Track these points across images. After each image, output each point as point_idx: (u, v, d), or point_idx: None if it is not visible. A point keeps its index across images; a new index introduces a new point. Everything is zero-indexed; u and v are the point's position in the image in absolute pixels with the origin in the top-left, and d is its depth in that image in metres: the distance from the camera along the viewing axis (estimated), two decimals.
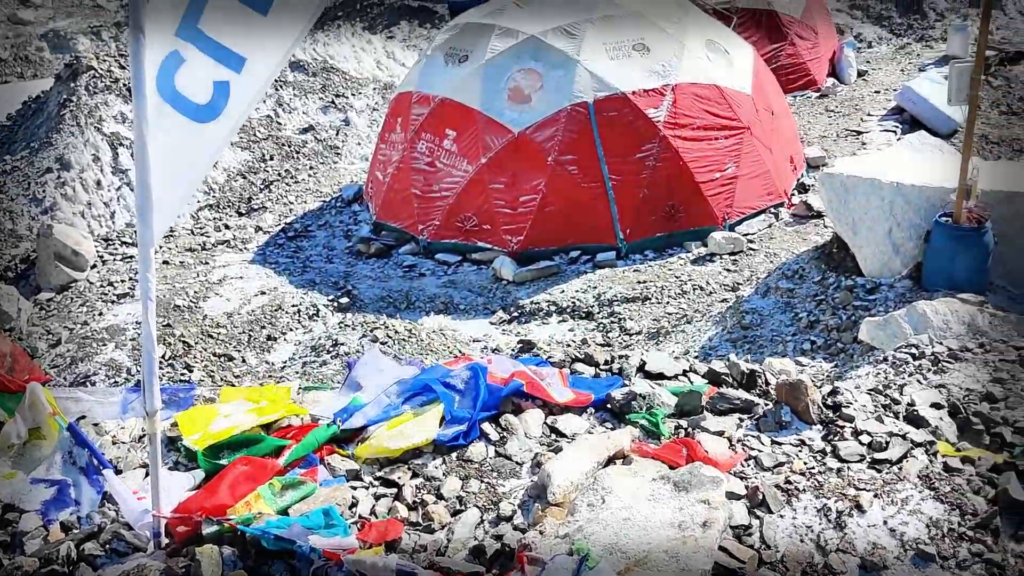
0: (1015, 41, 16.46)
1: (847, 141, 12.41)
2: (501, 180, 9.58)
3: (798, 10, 14.99)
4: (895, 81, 14.81)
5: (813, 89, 14.79)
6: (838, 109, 13.93)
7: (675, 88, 9.70)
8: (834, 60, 15.62)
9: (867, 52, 17.16)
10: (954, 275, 6.45)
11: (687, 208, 9.60)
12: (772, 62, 13.84)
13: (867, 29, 18.05)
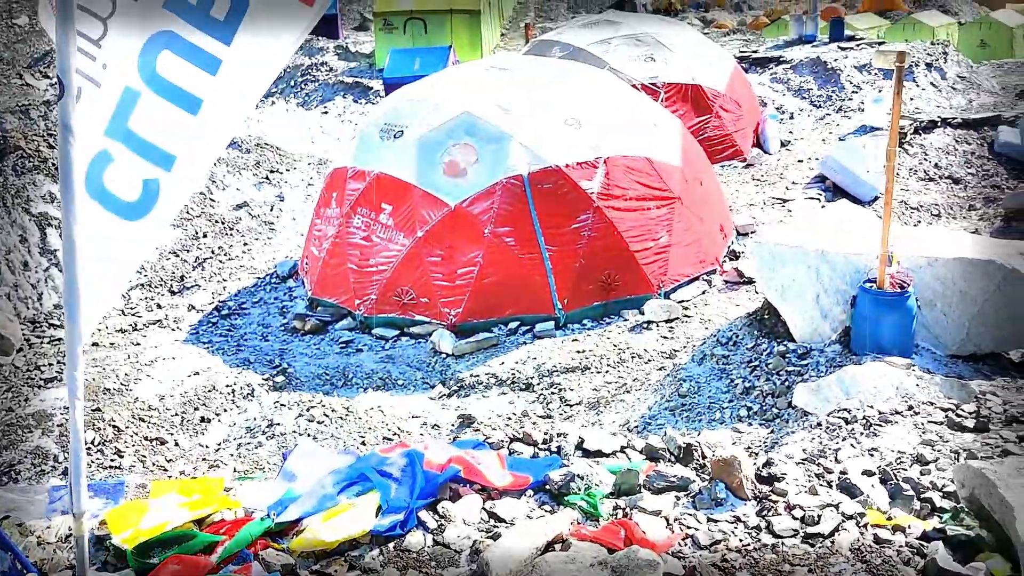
0: (928, 111, 17.27)
1: (774, 209, 12.78)
2: (438, 253, 9.61)
3: (721, 84, 15.53)
4: (817, 150, 15.36)
5: (739, 159, 15.25)
6: (764, 178, 14.37)
7: (607, 161, 9.91)
8: (758, 131, 16.17)
9: (789, 123, 17.78)
10: (881, 339, 6.63)
11: (623, 277, 9.74)
12: (699, 134, 14.27)
13: (788, 101, 18.74)
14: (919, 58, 19.78)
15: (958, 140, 15.48)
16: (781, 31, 30.34)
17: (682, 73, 15.26)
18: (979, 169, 14.65)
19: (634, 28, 16.20)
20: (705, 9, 50.36)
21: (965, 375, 6.49)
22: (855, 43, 22.04)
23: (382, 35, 24.92)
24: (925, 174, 14.59)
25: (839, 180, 13.14)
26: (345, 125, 17.72)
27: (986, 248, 7.18)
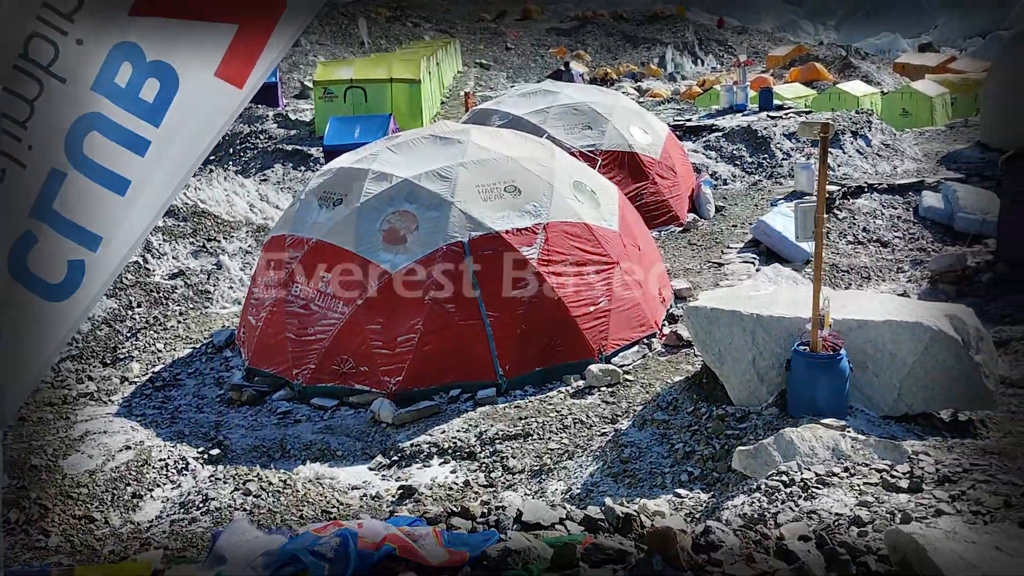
0: (855, 176, 17.88)
1: (710, 273, 13.02)
2: (378, 321, 9.55)
3: (657, 152, 15.92)
4: (750, 215, 15.77)
5: (676, 224, 15.57)
6: (700, 243, 14.67)
7: (546, 227, 10.02)
8: (694, 197, 16.55)
9: (723, 189, 18.26)
10: (816, 401, 6.74)
11: (564, 342, 9.77)
12: (636, 200, 14.55)
13: (721, 167, 19.26)
14: (845, 126, 20.55)
15: (884, 205, 16.05)
16: (713, 100, 31.33)
17: (619, 141, 15.63)
18: (905, 232, 15.17)
19: (571, 98, 16.59)
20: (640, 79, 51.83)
21: (898, 435, 6.61)
22: (783, 112, 22.84)
23: (322, 103, 25.11)
24: (855, 237, 15.06)
25: (772, 244, 13.48)
26: (284, 192, 17.66)
27: (914, 310, 7.39)
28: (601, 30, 66.63)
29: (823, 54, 55.06)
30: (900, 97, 35.70)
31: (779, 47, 63.39)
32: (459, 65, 48.14)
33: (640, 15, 72.25)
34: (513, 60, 58.31)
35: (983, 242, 13.87)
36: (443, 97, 34.60)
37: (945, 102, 35.10)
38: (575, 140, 15.35)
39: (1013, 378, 8.54)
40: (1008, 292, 11.68)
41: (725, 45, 64.56)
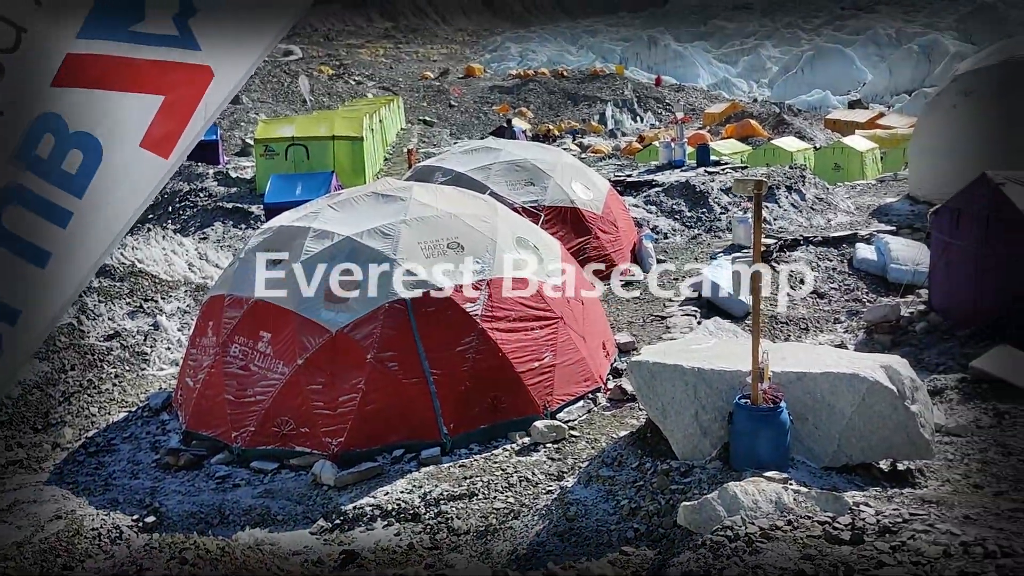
0: (790, 230, 18.32)
1: (653, 326, 13.14)
2: (319, 381, 9.41)
3: (599, 207, 16.14)
4: (691, 269, 16.00)
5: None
6: (643, 296, 14.81)
7: (490, 283, 10.03)
8: (635, 251, 16.77)
9: (664, 242, 18.55)
10: (758, 454, 6.78)
11: (509, 398, 9.72)
12: (579, 255, 14.68)
13: (662, 222, 19.59)
14: (780, 181, 21.10)
15: (820, 257, 16.44)
16: (652, 156, 31.99)
17: (561, 196, 15.81)
18: (841, 284, 15.53)
19: (513, 154, 16.78)
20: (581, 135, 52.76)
21: (839, 486, 6.67)
22: (720, 167, 23.39)
23: (263, 161, 25.04)
24: None
25: (712, 297, 13.66)
26: (224, 251, 17.44)
27: (850, 362, 7.52)
28: (542, 88, 67.85)
29: (757, 111, 56.76)
30: (832, 152, 36.89)
31: (715, 104, 65.20)
32: (402, 122, 48.53)
33: (580, 74, 73.84)
34: (456, 117, 58.98)
35: (916, 292, 14.24)
36: (386, 154, 34.77)
37: (875, 156, 36.36)
38: (518, 196, 15.49)
39: (949, 426, 8.72)
40: (941, 341, 11.97)
41: (663, 102, 66.15)
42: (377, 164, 30.41)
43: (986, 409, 9.10)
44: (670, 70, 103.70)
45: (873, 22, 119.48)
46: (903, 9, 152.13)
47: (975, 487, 7.37)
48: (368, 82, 67.69)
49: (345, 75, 68.68)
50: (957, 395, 9.61)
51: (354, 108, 37.37)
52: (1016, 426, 8.67)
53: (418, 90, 66.67)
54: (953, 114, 20.23)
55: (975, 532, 5.45)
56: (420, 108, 59.56)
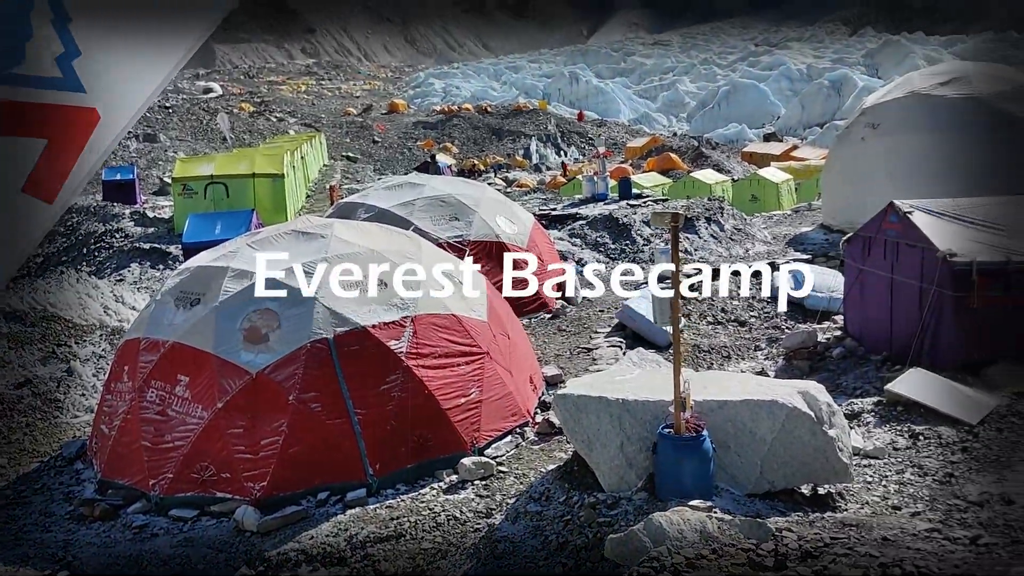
0: (711, 260, 18.68)
1: (580, 358, 13.20)
2: (240, 424, 9.17)
3: (523, 240, 16.23)
4: (616, 300, 16.17)
5: (545, 311, 15.80)
6: (569, 328, 14.90)
7: (415, 319, 9.95)
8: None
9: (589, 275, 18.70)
10: (682, 483, 6.83)
11: (436, 436, 9.62)
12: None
13: (587, 254, 19.80)
14: (699, 212, 21.57)
15: (740, 286, 16.76)
16: (576, 190, 32.36)
17: (486, 231, 15.86)
18: (761, 312, 15.85)
19: (437, 189, 16.80)
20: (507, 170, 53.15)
21: (763, 513, 6.76)
22: (642, 200, 23.82)
23: (181, 200, 24.55)
24: (714, 318, 15.62)
25: (636, 327, 13.82)
26: (141, 293, 16.98)
27: (769, 389, 7.66)
28: (467, 123, 68.26)
29: (677, 144, 58.10)
30: (749, 184, 37.87)
31: (636, 138, 66.48)
32: (325, 159, 48.21)
33: (504, 109, 74.55)
34: (380, 153, 58.87)
35: (831, 318, 14.62)
36: (308, 191, 34.45)
37: (790, 188, 37.43)
38: (442, 231, 15.49)
39: (867, 449, 8.91)
40: (857, 365, 12.29)
41: (585, 137, 67.17)
42: (299, 201, 30.10)
43: (902, 431, 9.34)
44: (592, 105, 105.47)
45: (785, 58, 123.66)
46: (813, 45, 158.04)
47: (893, 508, 7.54)
48: (290, 119, 67.14)
49: (266, 112, 68.03)
50: (874, 418, 9.85)
51: (275, 145, 36.99)
52: (931, 447, 8.91)
53: (341, 126, 66.38)
54: (861, 146, 21.01)
55: (893, 553, 5.56)
56: (343, 144, 59.26)
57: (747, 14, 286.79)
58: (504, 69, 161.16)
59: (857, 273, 13.01)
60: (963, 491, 7.80)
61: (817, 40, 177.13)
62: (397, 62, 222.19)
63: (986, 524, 7.05)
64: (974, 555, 5.77)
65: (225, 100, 73.27)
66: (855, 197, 19.91)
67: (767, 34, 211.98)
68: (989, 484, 7.89)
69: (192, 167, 26.20)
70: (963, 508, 7.43)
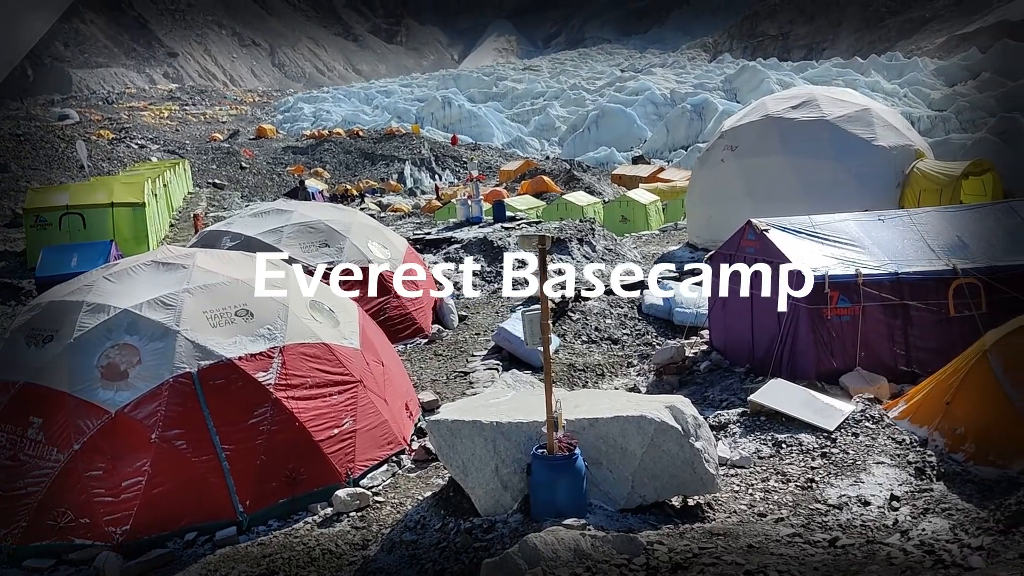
0: (584, 279, 19.01)
1: (456, 382, 13.17)
2: (99, 466, 8.69)
3: (397, 264, 16.10)
4: (492, 323, 16.25)
5: (421, 336, 15.71)
6: (445, 353, 14.85)
7: (283, 350, 9.70)
8: (437, 308, 16.83)
9: (465, 299, 18.75)
10: (556, 503, 6.89)
11: (308, 469, 9.38)
12: (379, 315, 14.57)
13: (463, 278, 19.82)
14: (572, 234, 21.96)
15: (612, 305, 17.14)
16: (451, 213, 32.47)
17: (358, 257, 15.66)
18: (632, 329, 16.24)
19: (306, 216, 16.48)
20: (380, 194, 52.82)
21: (635, 527, 6.88)
22: (516, 222, 24.06)
23: (34, 232, 23.29)
24: (588, 337, 15.90)
25: (512, 349, 13.91)
26: None
27: (638, 404, 7.83)
28: (338, 148, 67.57)
29: (550, 168, 59.12)
30: (619, 205, 38.90)
31: (510, 162, 67.32)
32: (190, 186, 46.69)
33: (376, 133, 74.19)
34: (248, 179, 57.51)
35: (699, 333, 15.11)
36: (172, 220, 33.25)
37: (657, 208, 38.66)
38: (312, 258, 15.20)
39: (733, 459, 9.22)
40: (723, 378, 12.73)
41: (459, 160, 67.53)
42: (162, 231, 28.99)
43: (765, 440, 9.71)
44: (465, 129, 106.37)
45: (650, 83, 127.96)
46: (675, 71, 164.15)
47: (759, 516, 7.82)
48: (152, 145, 64.79)
49: (127, 139, 65.45)
50: (739, 428, 10.20)
51: (136, 173, 35.55)
52: (793, 454, 9.30)
53: (207, 152, 64.51)
54: (721, 167, 21.93)
55: (758, 560, 5.76)
56: (210, 171, 57.59)
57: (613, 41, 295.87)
58: (376, 93, 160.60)
59: (718, 289, 13.49)
60: (823, 495, 8.17)
61: (679, 66, 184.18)
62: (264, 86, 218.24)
63: (844, 526, 7.40)
64: (832, 556, 6.05)
65: (83, 127, 70.12)
66: (717, 216, 20.73)
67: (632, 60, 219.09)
68: (847, 487, 8.29)
69: (46, 197, 24.85)
70: (824, 512, 7.78)
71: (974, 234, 11.89)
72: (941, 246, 11.68)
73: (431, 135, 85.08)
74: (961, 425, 8.80)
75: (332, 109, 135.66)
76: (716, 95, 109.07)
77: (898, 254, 11.52)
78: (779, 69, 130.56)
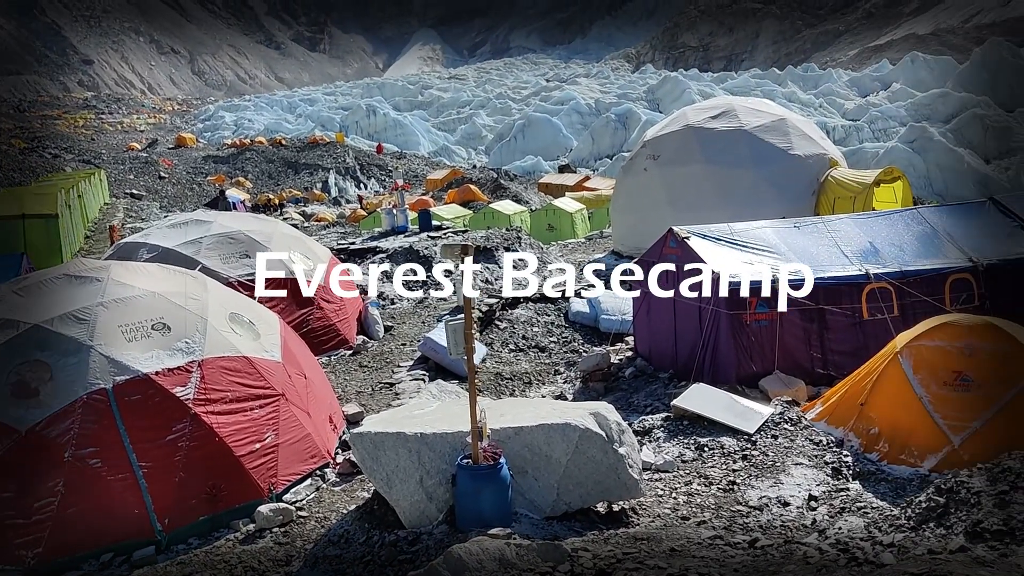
0: (510, 288, 19.07)
1: (382, 393, 13.05)
2: (9, 488, 8.34)
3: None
4: (418, 333, 16.16)
5: (346, 348, 15.53)
6: (371, 364, 14.71)
7: (202, 364, 9.48)
8: (362, 319, 16.67)
9: (391, 308, 18.61)
10: (482, 512, 6.87)
11: (229, 485, 9.17)
12: (302, 327, 14.36)
13: (388, 287, 19.67)
14: (499, 243, 22.01)
15: (539, 313, 17.23)
16: (376, 223, 32.22)
17: (280, 268, 15.40)
18: (559, 337, 16.34)
19: (226, 226, 16.15)
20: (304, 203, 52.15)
21: (560, 535, 6.91)
22: (443, 231, 24.02)
23: None
24: (515, 345, 15.94)
25: (439, 359, 13.85)
26: None
27: (563, 412, 7.87)
28: (260, 156, 66.53)
29: (477, 176, 59.21)
30: (545, 214, 39.13)
31: (436, 171, 67.21)
32: (106, 197, 45.37)
33: (299, 142, 73.30)
34: (168, 189, 56.18)
35: (624, 340, 15.29)
36: (87, 232, 32.25)
37: (583, 216, 39.02)
38: (232, 270, 14.90)
39: (657, 463, 9.34)
40: (648, 383, 12.90)
41: (385, 169, 67.14)
42: (77, 243, 28.08)
43: (688, 444, 9.86)
44: (391, 137, 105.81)
45: (575, 93, 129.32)
46: (599, 81, 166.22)
47: (682, 519, 7.93)
48: (66, 155, 62.77)
49: (40, 148, 63.30)
50: (663, 433, 10.34)
51: (48, 183, 34.38)
52: (715, 457, 9.47)
53: (124, 162, 62.81)
54: (644, 176, 22.25)
55: (680, 563, 5.84)
56: (127, 181, 56.07)
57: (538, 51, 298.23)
58: (299, 102, 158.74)
59: (643, 296, 13.68)
60: (744, 497, 8.33)
61: (603, 76, 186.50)
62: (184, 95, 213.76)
63: (764, 527, 7.56)
64: (751, 558, 6.16)
65: None
66: (641, 224, 21.02)
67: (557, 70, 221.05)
68: (767, 488, 8.47)
69: None
70: (745, 513, 7.93)
71: (885, 240, 12.30)
72: (854, 252, 12.05)
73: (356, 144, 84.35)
74: (875, 425, 9.09)
75: (254, 118, 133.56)
76: (640, 105, 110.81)
77: (813, 260, 11.85)
78: (700, 80, 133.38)
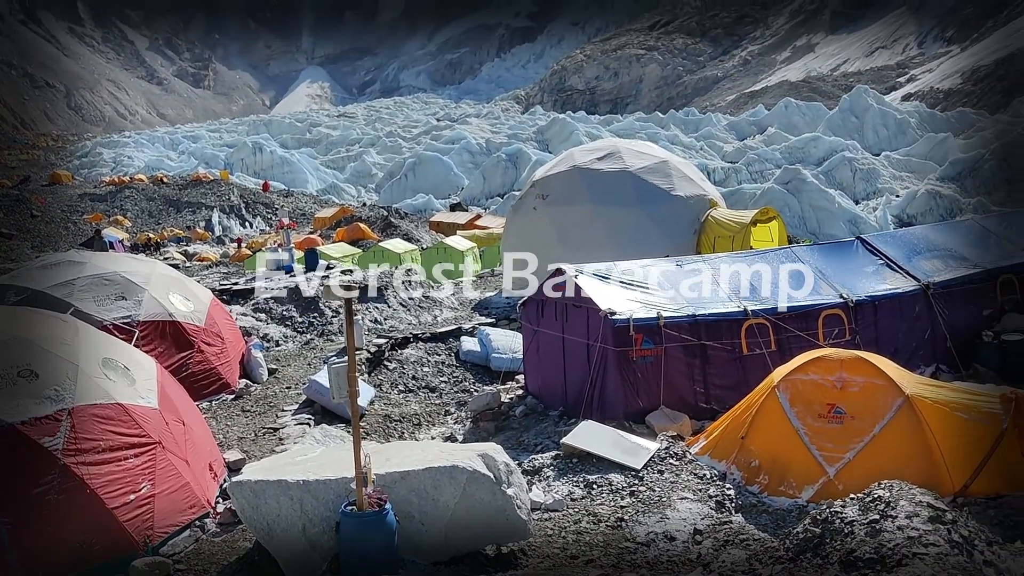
0: (400, 328, 18.91)
1: (266, 439, 12.65)
2: None
3: (201, 319, 15.39)
4: (303, 375, 15.79)
5: (228, 392, 15.02)
6: (254, 408, 14.27)
7: (72, 411, 8.99)
8: (244, 362, 16.18)
9: (275, 350, 18.16)
10: (367, 560, 6.71)
11: (101, 539, 8.67)
12: (181, 371, 13.83)
13: (272, 329, 19.21)
14: (388, 282, 21.81)
15: (429, 352, 17.11)
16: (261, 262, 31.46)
17: (158, 310, 14.83)
18: (450, 377, 16.25)
19: (100, 267, 15.46)
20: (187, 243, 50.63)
21: None
22: (330, 271, 23.65)
23: None
24: (405, 386, 15.77)
25: (324, 402, 13.55)
26: None
27: (451, 454, 7.79)
28: (140, 195, 64.39)
29: (367, 214, 58.77)
30: (436, 252, 39.06)
31: (325, 209, 66.38)
32: None
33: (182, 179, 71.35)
34: (40, 228, 53.63)
35: (515, 378, 15.31)
36: None
37: (475, 255, 39.16)
38: (107, 313, 14.26)
39: (547, 503, 9.33)
40: (538, 422, 12.92)
41: (272, 207, 65.93)
42: None
43: (578, 482, 9.89)
44: (278, 175, 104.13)
45: (466, 132, 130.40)
46: (490, 121, 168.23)
47: (571, 558, 7.91)
48: None
49: None
50: (553, 472, 10.34)
51: None
52: (603, 494, 9.52)
53: None
54: (534, 215, 22.53)
55: None
56: None
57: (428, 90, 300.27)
58: (182, 138, 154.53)
59: (533, 334, 13.77)
60: (632, 533, 8.39)
61: (494, 116, 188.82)
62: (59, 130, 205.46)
63: (651, 563, 7.62)
64: None
65: None
66: (531, 262, 21.20)
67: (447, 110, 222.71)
68: (654, 523, 8.56)
69: None
70: (633, 550, 7.98)
71: (762, 278, 12.77)
72: (733, 289, 12.46)
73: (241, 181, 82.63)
74: (755, 458, 9.33)
75: (134, 154, 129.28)
76: (530, 145, 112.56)
77: (695, 298, 12.18)
78: (587, 122, 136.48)
